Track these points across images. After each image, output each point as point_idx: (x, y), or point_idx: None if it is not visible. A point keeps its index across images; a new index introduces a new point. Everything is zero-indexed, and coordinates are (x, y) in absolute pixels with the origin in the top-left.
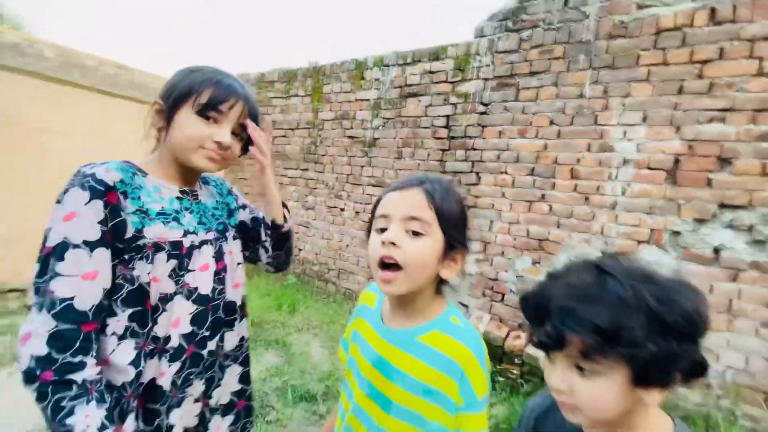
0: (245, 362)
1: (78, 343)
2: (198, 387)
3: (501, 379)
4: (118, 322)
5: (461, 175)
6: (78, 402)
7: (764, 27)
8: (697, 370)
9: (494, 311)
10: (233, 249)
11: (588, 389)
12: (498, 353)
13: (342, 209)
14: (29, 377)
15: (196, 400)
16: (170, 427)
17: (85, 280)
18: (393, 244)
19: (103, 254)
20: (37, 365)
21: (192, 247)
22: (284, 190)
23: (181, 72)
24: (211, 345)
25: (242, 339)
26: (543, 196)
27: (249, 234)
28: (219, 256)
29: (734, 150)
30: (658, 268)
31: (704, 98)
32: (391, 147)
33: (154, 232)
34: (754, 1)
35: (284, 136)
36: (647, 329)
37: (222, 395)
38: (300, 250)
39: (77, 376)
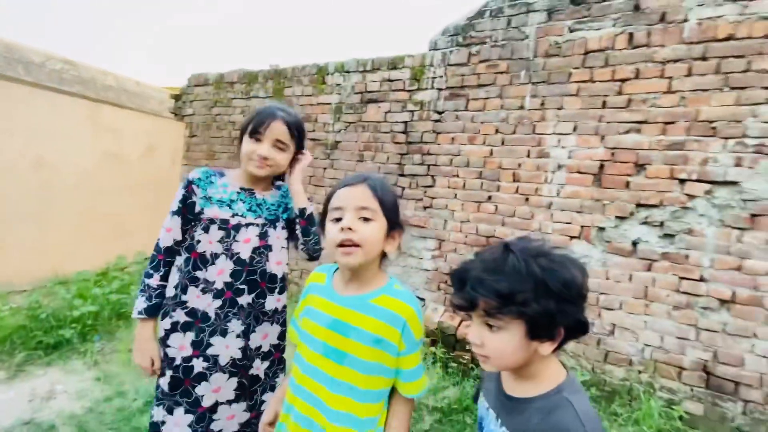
0: (283, 324)
1: (153, 263)
2: (237, 326)
3: (454, 364)
4: (179, 259)
5: (418, 177)
6: (140, 294)
7: (674, 50)
8: (579, 327)
9: (449, 303)
10: (280, 235)
11: (494, 342)
12: (451, 341)
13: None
14: None
15: (238, 336)
16: (209, 345)
17: (167, 231)
18: (350, 229)
19: (177, 220)
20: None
21: (238, 225)
22: None
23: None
24: (248, 298)
25: (283, 306)
26: (490, 197)
27: (293, 225)
28: (263, 236)
29: (647, 157)
30: (585, 260)
31: (623, 112)
32: (352, 150)
33: (211, 212)
34: (665, 28)
35: None
36: (534, 293)
37: (261, 342)
38: None
39: (148, 281)
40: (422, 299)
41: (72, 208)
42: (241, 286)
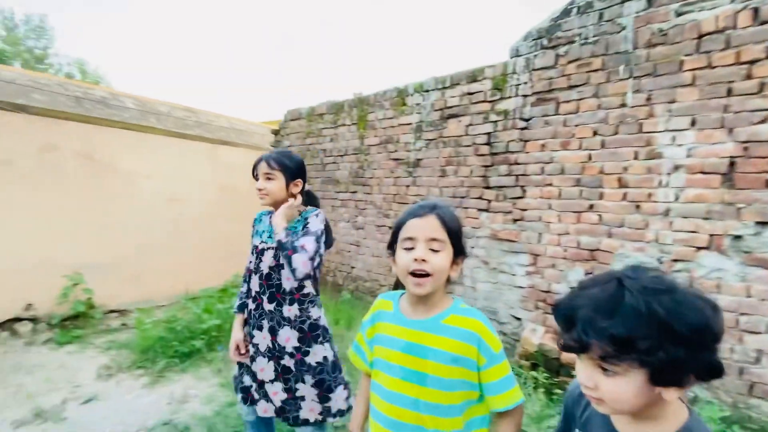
0: (301, 330)
1: (243, 279)
2: (267, 324)
3: (559, 391)
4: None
5: (506, 189)
6: (236, 299)
7: None
8: (712, 371)
9: (549, 323)
10: None
11: (610, 386)
12: (554, 365)
13: (390, 227)
14: None
15: (268, 332)
16: (252, 336)
17: (248, 260)
18: (423, 260)
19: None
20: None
21: (263, 250)
22: (335, 211)
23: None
24: (270, 306)
25: (297, 315)
26: (591, 206)
27: None
28: (276, 257)
29: None
30: (718, 274)
31: (755, 98)
32: (434, 166)
33: (254, 242)
34: None
35: (334, 163)
36: (658, 338)
37: (285, 343)
38: (353, 267)
39: (241, 289)
40: (518, 318)
41: (197, 236)
42: (263, 296)
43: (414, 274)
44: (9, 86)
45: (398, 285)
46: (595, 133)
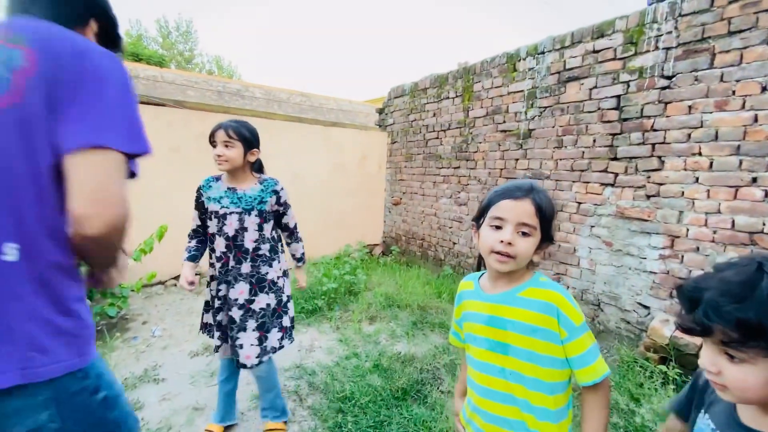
0: (251, 283)
1: (190, 235)
2: (229, 279)
3: None
4: (203, 235)
5: (637, 160)
6: (185, 251)
7: None
8: None
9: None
10: (253, 220)
11: (735, 374)
12: (691, 361)
13: None
14: None
15: (231, 286)
16: (219, 290)
17: (192, 220)
18: (510, 244)
19: (195, 213)
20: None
21: (225, 214)
22: (437, 187)
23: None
24: (234, 263)
25: (249, 271)
26: (755, 180)
27: (278, 219)
28: (241, 221)
29: None
30: None
31: None
32: (549, 137)
33: (211, 207)
34: None
35: (437, 138)
36: None
37: (237, 295)
38: (454, 243)
39: (188, 245)
40: (646, 307)
41: (315, 208)
42: (229, 254)
43: (498, 253)
44: (170, 86)
45: (481, 262)
46: (764, 89)
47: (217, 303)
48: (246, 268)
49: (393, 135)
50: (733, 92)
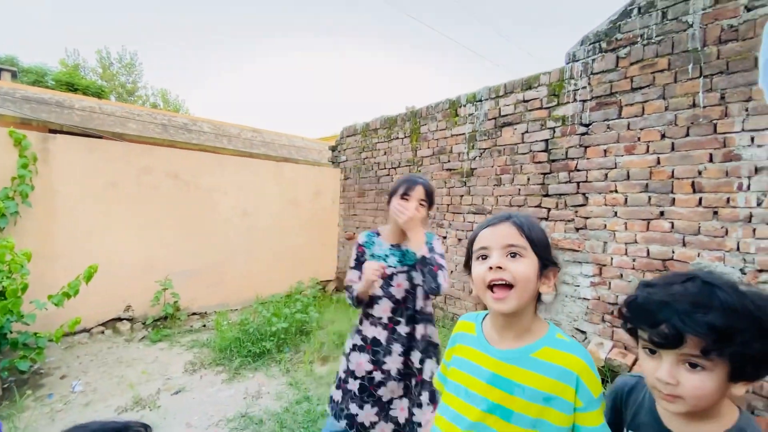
0: (425, 351)
1: (347, 290)
2: (397, 348)
3: None
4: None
5: (566, 197)
6: (351, 290)
7: None
8: None
9: (617, 337)
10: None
11: (694, 382)
12: None
13: (445, 237)
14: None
15: (400, 355)
16: (383, 363)
17: (351, 282)
18: (500, 267)
19: (356, 273)
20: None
21: (392, 274)
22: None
23: (397, 179)
24: (407, 328)
25: (423, 334)
26: (662, 213)
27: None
28: (410, 279)
29: None
30: None
31: None
32: (489, 175)
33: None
34: None
35: (388, 175)
36: (750, 332)
37: (415, 362)
38: None
39: (351, 289)
40: (582, 332)
41: (266, 245)
42: (400, 319)
43: (492, 286)
44: (109, 118)
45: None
46: (663, 136)
47: (379, 377)
48: (419, 331)
49: (346, 171)
50: (639, 138)
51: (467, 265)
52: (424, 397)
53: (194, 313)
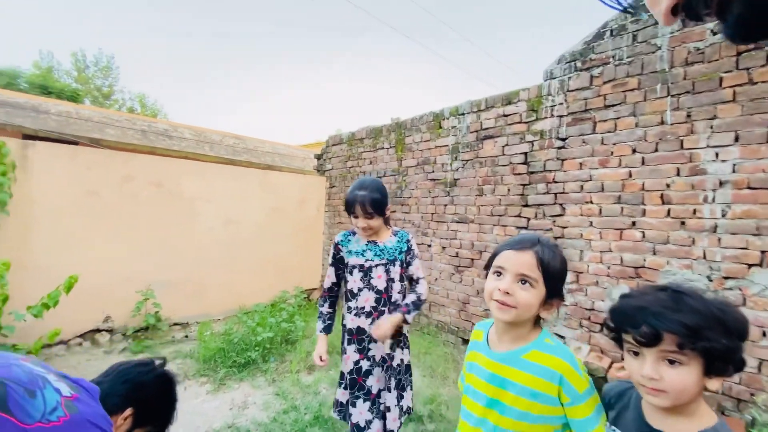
0: (393, 336)
1: (322, 298)
2: None
3: None
4: (341, 292)
5: (545, 207)
6: (318, 319)
7: None
8: (741, 364)
9: (593, 342)
10: (397, 270)
11: (675, 376)
12: (600, 384)
13: (429, 245)
14: None
15: (383, 342)
16: (369, 350)
17: (327, 277)
18: (507, 293)
19: (332, 269)
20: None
21: (371, 267)
22: None
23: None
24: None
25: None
26: (634, 223)
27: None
28: (387, 272)
29: None
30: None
31: None
32: (471, 186)
33: (352, 261)
34: None
35: None
36: (716, 330)
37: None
38: None
39: (321, 309)
40: (561, 336)
41: (250, 254)
42: (383, 308)
43: (497, 300)
44: (86, 123)
45: None
46: (634, 151)
47: (366, 365)
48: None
49: (331, 180)
50: (612, 153)
51: (486, 268)
52: (392, 382)
53: (176, 324)
